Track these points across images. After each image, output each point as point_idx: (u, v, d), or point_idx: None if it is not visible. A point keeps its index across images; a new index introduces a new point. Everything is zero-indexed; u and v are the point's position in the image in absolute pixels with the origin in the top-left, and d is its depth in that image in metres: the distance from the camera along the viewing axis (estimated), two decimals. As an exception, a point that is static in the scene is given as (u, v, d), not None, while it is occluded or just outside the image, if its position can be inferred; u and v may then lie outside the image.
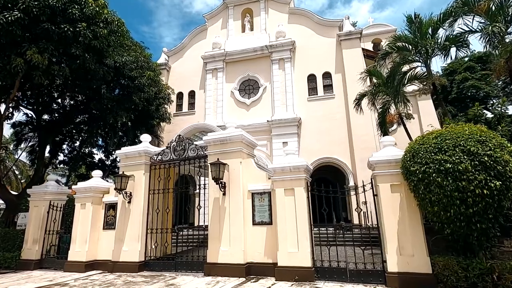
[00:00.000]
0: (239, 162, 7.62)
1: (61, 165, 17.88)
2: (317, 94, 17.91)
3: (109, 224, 9.04)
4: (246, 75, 19.23)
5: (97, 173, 9.82)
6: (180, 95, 20.55)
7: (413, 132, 13.69)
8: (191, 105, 20.18)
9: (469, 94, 25.32)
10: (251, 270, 6.98)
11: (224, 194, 7.54)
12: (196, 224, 12.90)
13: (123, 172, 8.73)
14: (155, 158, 8.93)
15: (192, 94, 20.44)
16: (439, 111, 24.88)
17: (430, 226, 5.84)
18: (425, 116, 17.86)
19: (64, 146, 17.69)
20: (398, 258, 5.69)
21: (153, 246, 8.36)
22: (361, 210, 6.47)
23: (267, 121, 17.35)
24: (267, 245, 7.02)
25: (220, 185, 7.42)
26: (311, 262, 6.36)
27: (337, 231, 6.37)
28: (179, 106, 20.35)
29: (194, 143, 8.59)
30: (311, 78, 18.33)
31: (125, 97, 14.14)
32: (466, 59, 28.58)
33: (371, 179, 6.54)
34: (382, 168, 6.16)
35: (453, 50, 9.36)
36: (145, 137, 9.36)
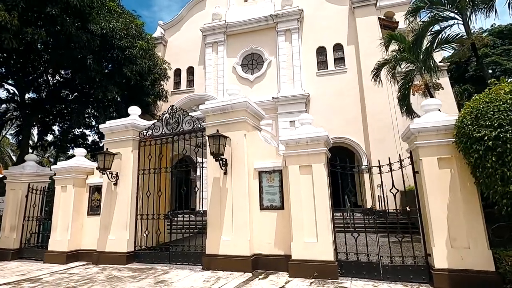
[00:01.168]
0: (243, 135, 6.30)
1: (52, 147, 16.70)
2: (327, 69, 16.34)
3: (94, 209, 7.87)
4: (249, 49, 17.63)
5: (80, 152, 8.57)
6: (177, 72, 19.04)
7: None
8: (190, 82, 18.71)
9: (489, 71, 23.55)
10: (259, 264, 5.80)
11: (225, 173, 6.27)
12: (197, 209, 12.10)
13: (107, 149, 7.47)
14: (145, 133, 7.63)
15: (190, 70, 18.93)
16: (455, 89, 23.25)
17: (489, 211, 4.55)
18: (440, 95, 16.24)
19: (55, 128, 16.52)
20: (449, 251, 4.43)
21: (144, 234, 7.20)
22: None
23: (272, 98, 15.91)
24: (278, 234, 5.80)
25: (221, 162, 6.13)
26: (333, 255, 5.15)
27: (367, 216, 5.16)
28: (177, 84, 18.89)
29: (190, 114, 7.26)
30: (321, 51, 16.70)
31: (115, 70, 12.75)
32: (485, 34, 26.68)
33: (410, 152, 5.21)
34: (427, 137, 4.81)
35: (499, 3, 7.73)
36: (134, 109, 8.02)
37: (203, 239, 6.32)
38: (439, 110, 5.15)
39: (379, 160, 5.62)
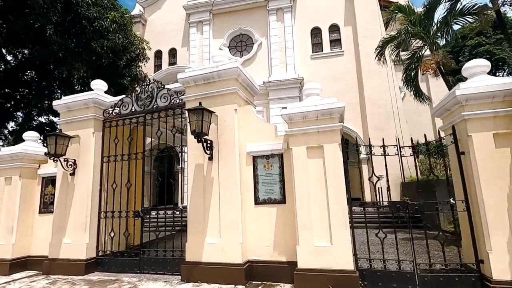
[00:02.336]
0: (232, 111, 4.96)
1: (12, 137, 14.76)
2: (322, 51, 15.11)
3: (47, 206, 6.36)
4: (237, 29, 16.15)
5: (30, 135, 6.98)
6: (158, 54, 17.34)
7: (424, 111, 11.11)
8: (172, 65, 17.04)
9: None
10: (254, 273, 4.54)
11: (210, 158, 4.93)
12: (180, 204, 10.69)
13: (60, 130, 5.95)
14: (110, 112, 6.16)
15: (173, 52, 17.26)
16: (449, 79, 22.64)
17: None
18: (434, 84, 15.37)
19: (20, 114, 14.59)
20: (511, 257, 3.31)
21: (110, 236, 5.78)
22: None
23: (263, 82, 14.56)
24: (279, 235, 4.55)
25: (205, 144, 4.78)
26: (353, 263, 3.94)
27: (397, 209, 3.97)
28: (158, 67, 17.18)
29: (167, 87, 5.83)
30: (316, 32, 15.44)
31: (82, 45, 11.00)
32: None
33: (453, 127, 4.03)
34: (479, 106, 3.64)
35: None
36: (98, 83, 6.52)
37: (183, 240, 4.98)
38: (488, 73, 3.99)
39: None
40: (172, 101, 5.62)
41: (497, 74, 25.26)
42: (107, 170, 6.00)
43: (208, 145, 4.91)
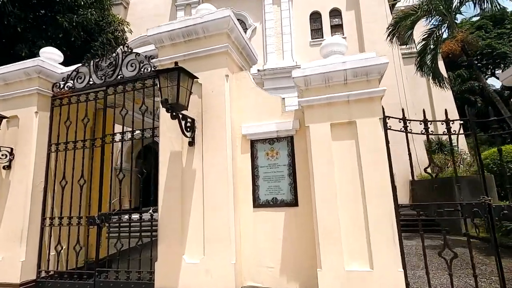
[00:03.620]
0: (223, 77, 3.56)
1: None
2: (322, 37, 13.84)
3: (-22, 209, 4.81)
4: (229, 13, 14.70)
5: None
6: (142, 40, 15.73)
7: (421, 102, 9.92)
8: (157, 52, 15.49)
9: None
10: (253, 307, 3.16)
11: (191, 143, 3.53)
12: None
13: (-11, 107, 4.44)
14: (62, 86, 4.67)
15: (158, 38, 15.69)
16: (449, 75, 21.74)
17: None
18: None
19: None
20: None
21: (57, 250, 4.28)
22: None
23: (258, 71, 13.19)
24: (288, 252, 3.17)
25: (184, 124, 3.38)
26: (406, 296, 2.61)
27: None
28: (142, 54, 15.58)
29: (135, 50, 4.38)
30: (315, 17, 14.17)
31: (46, 19, 9.40)
32: (475, 18, 25.54)
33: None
34: None
35: None
36: (48, 50, 5.03)
37: (154, 256, 3.55)
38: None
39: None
40: (142, 69, 4.17)
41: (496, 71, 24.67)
42: (55, 162, 4.51)
43: (189, 124, 3.51)
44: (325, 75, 2.93)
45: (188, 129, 3.51)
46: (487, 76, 24.98)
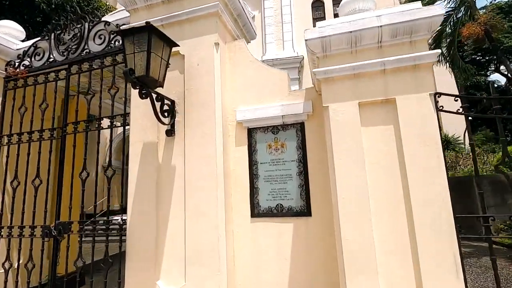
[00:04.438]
0: (211, 46, 2.72)
1: None
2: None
3: None
4: (226, 1, 13.81)
5: None
6: (133, 30, 14.80)
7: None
8: (149, 43, 14.57)
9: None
10: None
11: (170, 132, 2.69)
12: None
13: None
14: (17, 64, 3.82)
15: (150, 28, 14.76)
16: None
17: None
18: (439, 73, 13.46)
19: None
20: None
21: (5, 268, 3.42)
22: None
23: (257, 62, 12.32)
24: (298, 278, 2.35)
25: (160, 107, 2.55)
26: None
27: None
28: (133, 45, 14.66)
29: (104, 19, 3.52)
30: (317, 5, 13.31)
31: (22, 1, 8.48)
32: (482, 11, 24.77)
33: None
34: None
35: None
36: (4, 24, 4.21)
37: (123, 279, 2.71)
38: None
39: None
40: (113, 41, 3.32)
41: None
42: (6, 158, 3.65)
43: (166, 108, 2.67)
44: (352, 35, 2.10)
45: (166, 114, 2.68)
46: (489, 72, 24.22)
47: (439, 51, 1.98)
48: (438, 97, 2.06)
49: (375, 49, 2.12)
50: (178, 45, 2.56)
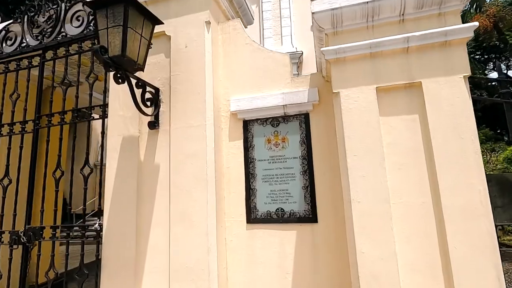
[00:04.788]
0: (202, 26, 2.35)
1: None
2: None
3: None
4: (223, -6, 13.39)
5: None
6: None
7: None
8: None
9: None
10: None
11: (154, 125, 2.32)
12: None
13: None
14: (-16, 49, 3.42)
15: (144, 22, 14.31)
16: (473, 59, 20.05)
17: None
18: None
19: None
20: None
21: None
22: None
23: (254, 57, 11.94)
24: (303, 296, 2.00)
25: (140, 94, 2.18)
26: None
27: None
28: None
29: (82, -1, 3.14)
30: (317, -1, 12.91)
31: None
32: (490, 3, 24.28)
33: None
34: None
35: None
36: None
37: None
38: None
39: None
40: (92, 23, 2.94)
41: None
42: (-27, 154, 3.26)
43: (149, 96, 2.30)
44: (369, 6, 1.74)
45: (149, 103, 2.31)
46: (487, 71, 23.85)
47: (476, 24, 1.62)
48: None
49: (396, 24, 1.76)
50: (162, 23, 2.19)
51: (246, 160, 2.27)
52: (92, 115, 2.79)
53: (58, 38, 3.08)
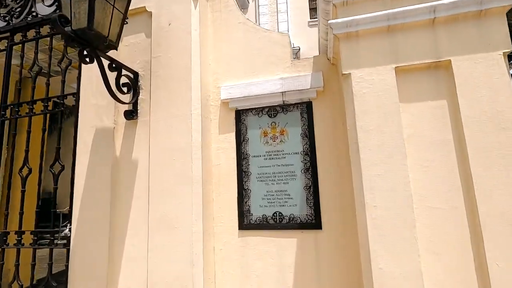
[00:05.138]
0: (187, 0, 2.02)
1: None
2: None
3: None
4: (218, -12, 13.02)
5: None
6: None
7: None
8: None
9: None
10: None
11: (132, 115, 1.99)
12: None
13: None
14: (-52, 32, 3.04)
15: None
16: None
17: None
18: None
19: None
20: None
21: None
22: None
23: (250, 52, 11.61)
24: (304, 316, 1.70)
25: (115, 77, 1.85)
26: None
27: None
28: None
29: (55, -26, 2.79)
30: (315, -6, 12.63)
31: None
32: None
33: None
34: None
35: None
36: None
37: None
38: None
39: None
40: (66, 2, 2.58)
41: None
42: None
43: (126, 81, 1.98)
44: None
45: (126, 89, 1.98)
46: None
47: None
48: None
49: (421, -12, 1.46)
50: (146, 6, 1.86)
51: (238, 156, 1.96)
52: (64, 105, 2.44)
53: (28, 19, 2.72)
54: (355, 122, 1.46)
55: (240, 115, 2.00)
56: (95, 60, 1.69)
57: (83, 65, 2.20)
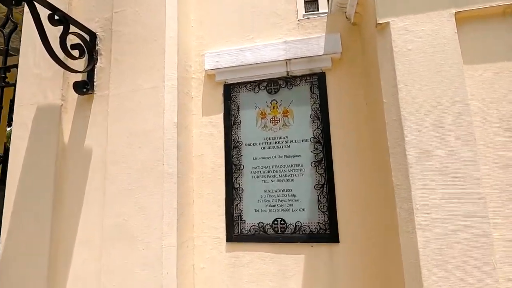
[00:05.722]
0: None
1: None
2: (317, 10, 11.88)
3: None
4: (209, -23, 12.45)
5: None
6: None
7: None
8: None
9: None
10: None
11: (86, 88, 1.49)
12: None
13: None
14: None
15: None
16: None
17: None
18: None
19: None
20: None
21: None
22: None
23: (242, 45, 11.11)
24: None
25: (60, 36, 1.33)
26: None
27: None
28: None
29: None
30: (309, -14, 12.22)
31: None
32: None
33: None
34: None
35: None
36: None
37: None
38: None
39: None
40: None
41: None
42: None
43: (77, 41, 1.47)
44: None
45: (78, 54, 1.48)
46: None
47: None
48: None
49: None
50: None
51: (227, 145, 1.48)
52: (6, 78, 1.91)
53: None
54: (396, 92, 1.00)
55: (230, 90, 1.52)
56: (24, 2, 1.18)
57: (24, 24, 1.68)
